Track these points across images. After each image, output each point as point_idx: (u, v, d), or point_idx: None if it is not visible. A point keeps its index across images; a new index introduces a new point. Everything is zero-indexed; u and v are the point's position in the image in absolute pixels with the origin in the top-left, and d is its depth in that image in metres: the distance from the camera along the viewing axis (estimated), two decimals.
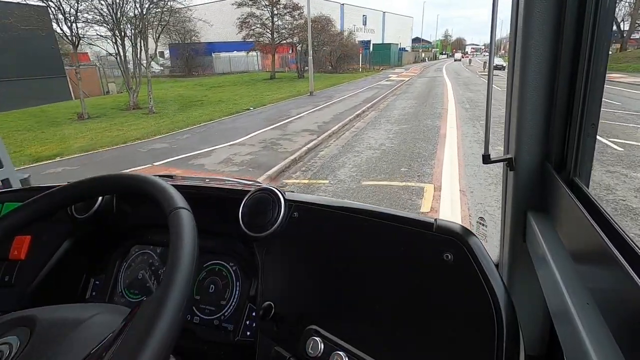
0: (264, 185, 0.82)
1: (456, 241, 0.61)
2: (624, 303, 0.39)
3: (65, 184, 0.64)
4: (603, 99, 0.60)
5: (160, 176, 0.64)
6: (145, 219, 0.95)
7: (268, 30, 22.86)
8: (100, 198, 0.91)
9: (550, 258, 0.57)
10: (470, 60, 48.26)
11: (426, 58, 62.15)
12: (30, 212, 0.62)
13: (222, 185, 0.95)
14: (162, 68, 31.04)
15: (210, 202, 0.88)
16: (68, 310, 0.53)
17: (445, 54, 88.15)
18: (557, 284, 0.52)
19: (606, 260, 0.42)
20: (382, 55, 38.71)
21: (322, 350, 0.60)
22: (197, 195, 0.88)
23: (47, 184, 0.95)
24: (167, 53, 31.11)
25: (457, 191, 4.37)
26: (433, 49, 77.03)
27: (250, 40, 23.36)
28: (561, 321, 0.51)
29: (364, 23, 49.60)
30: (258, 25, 22.85)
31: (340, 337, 0.62)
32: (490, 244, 0.77)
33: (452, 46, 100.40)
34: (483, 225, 0.90)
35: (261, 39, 23.20)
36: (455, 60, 56.50)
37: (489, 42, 0.73)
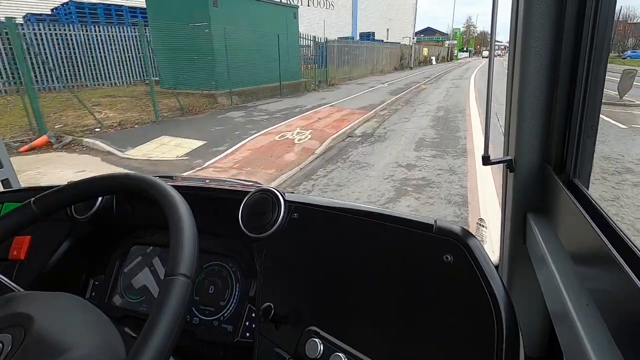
0: (264, 186, 0.82)
1: (456, 243, 0.61)
2: (623, 304, 0.39)
3: (65, 184, 0.64)
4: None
5: (160, 177, 0.63)
6: (145, 219, 0.94)
7: None
8: (100, 198, 0.90)
9: (550, 259, 0.57)
10: None
11: (433, 59, 37.59)
12: (31, 212, 0.61)
13: (222, 186, 0.95)
14: None
15: (210, 202, 0.88)
16: (68, 319, 0.49)
17: (466, 51, 66.96)
18: (557, 286, 0.52)
19: (606, 261, 0.42)
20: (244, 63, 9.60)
21: (321, 352, 0.60)
22: (197, 196, 0.88)
23: (47, 184, 0.94)
24: None
25: None
26: (447, 43, 53.16)
27: None
28: (561, 322, 0.51)
29: None
30: None
31: (339, 338, 0.62)
32: (490, 246, 0.77)
33: (476, 41, 76.24)
34: (483, 226, 0.89)
35: None
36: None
37: (490, 42, 0.72)
